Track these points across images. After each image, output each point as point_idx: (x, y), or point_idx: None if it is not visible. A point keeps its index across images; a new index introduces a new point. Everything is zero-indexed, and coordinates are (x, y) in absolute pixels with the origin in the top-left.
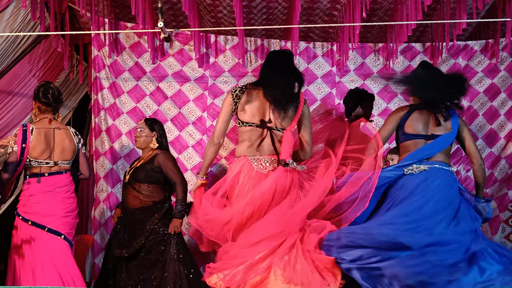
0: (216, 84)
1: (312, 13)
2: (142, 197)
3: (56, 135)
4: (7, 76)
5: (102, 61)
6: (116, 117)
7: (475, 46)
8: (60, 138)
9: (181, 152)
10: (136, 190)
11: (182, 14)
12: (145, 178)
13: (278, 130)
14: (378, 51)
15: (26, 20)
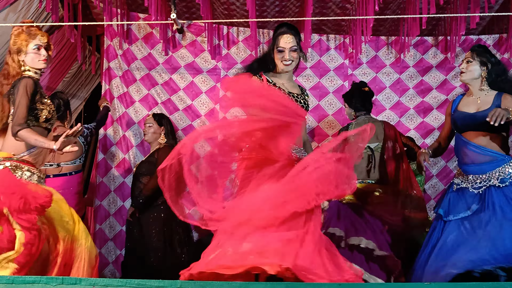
0: (228, 76)
1: (325, 5)
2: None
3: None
4: None
5: (114, 50)
6: (129, 105)
7: (488, 40)
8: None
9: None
10: (140, 182)
11: (194, 5)
12: (146, 171)
13: None
14: (391, 44)
15: (39, 10)
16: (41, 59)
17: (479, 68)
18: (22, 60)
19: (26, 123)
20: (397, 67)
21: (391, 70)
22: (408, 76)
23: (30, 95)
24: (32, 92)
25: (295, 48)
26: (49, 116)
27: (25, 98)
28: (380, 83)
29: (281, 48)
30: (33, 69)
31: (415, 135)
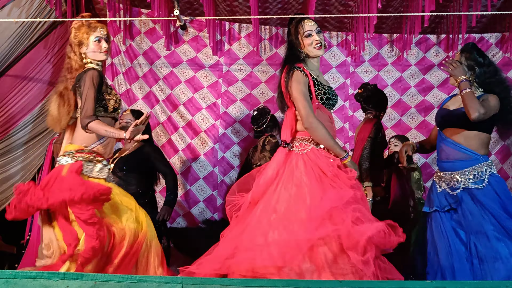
0: (230, 71)
1: (328, 2)
2: (128, 186)
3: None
4: (23, 61)
5: (117, 47)
6: (132, 102)
7: (490, 38)
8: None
9: (193, 138)
10: (121, 179)
11: (197, 1)
12: (134, 168)
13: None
14: (393, 42)
15: (42, 5)
16: (102, 51)
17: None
18: (84, 52)
19: (95, 114)
20: (399, 65)
21: (393, 68)
22: (409, 75)
23: (97, 87)
24: (99, 83)
25: (320, 30)
26: (116, 105)
27: (92, 90)
28: (381, 81)
29: (308, 32)
30: (95, 61)
31: (416, 134)
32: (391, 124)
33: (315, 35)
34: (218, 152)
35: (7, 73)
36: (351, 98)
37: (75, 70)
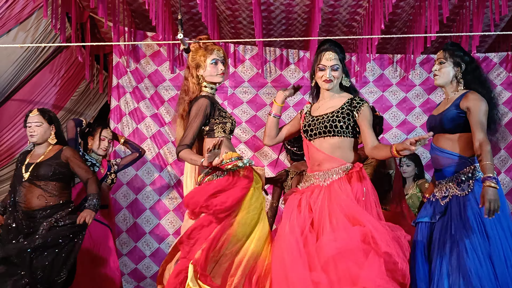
0: (235, 94)
1: (331, 24)
2: (48, 195)
3: None
4: (28, 85)
5: (123, 67)
6: (140, 121)
7: (494, 58)
8: None
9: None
10: (41, 189)
11: (201, 24)
12: (53, 175)
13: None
14: (397, 62)
15: (48, 29)
16: (218, 73)
17: (452, 69)
18: (201, 75)
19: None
20: (403, 86)
21: (397, 89)
22: (414, 95)
23: (204, 117)
24: (209, 113)
25: (337, 67)
26: (233, 127)
27: (199, 119)
28: (386, 101)
29: (322, 66)
30: (210, 84)
31: (422, 152)
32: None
33: (328, 72)
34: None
35: (13, 97)
36: None
37: (191, 92)
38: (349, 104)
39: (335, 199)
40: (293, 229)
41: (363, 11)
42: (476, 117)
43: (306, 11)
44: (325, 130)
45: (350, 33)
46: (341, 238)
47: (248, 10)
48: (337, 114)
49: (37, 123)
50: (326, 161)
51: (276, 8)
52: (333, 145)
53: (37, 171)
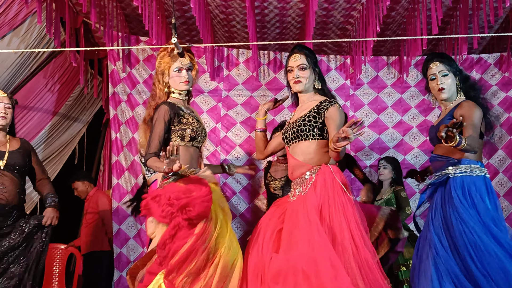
0: (230, 96)
1: (326, 27)
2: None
3: None
4: (23, 90)
5: (118, 75)
6: (136, 129)
7: (489, 59)
8: None
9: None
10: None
11: (195, 28)
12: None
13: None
14: (391, 64)
15: (42, 35)
16: (181, 81)
17: (453, 80)
18: (167, 82)
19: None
20: (398, 87)
21: (392, 90)
22: (409, 96)
23: (165, 123)
24: (168, 119)
25: (304, 66)
26: (194, 134)
27: (160, 126)
28: (382, 103)
29: (289, 68)
30: (177, 91)
31: (418, 153)
32: (393, 144)
33: (296, 71)
34: (220, 178)
35: None
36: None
37: (158, 98)
38: (318, 107)
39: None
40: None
41: (357, 14)
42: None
43: (300, 14)
44: (294, 136)
45: (344, 36)
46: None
47: (242, 14)
48: (304, 118)
49: (8, 105)
50: (297, 168)
51: (270, 11)
52: (303, 150)
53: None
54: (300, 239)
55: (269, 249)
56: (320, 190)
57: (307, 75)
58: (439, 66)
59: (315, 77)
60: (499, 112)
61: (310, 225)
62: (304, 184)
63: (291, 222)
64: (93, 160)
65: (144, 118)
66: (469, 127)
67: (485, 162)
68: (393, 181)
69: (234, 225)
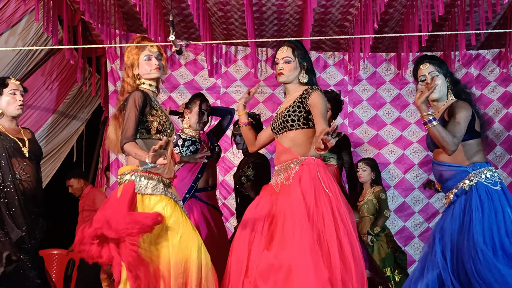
0: (228, 93)
1: (324, 24)
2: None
3: None
4: None
5: (117, 73)
6: None
7: (487, 55)
8: None
9: None
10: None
11: (193, 26)
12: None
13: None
14: (390, 60)
15: (39, 33)
16: (153, 68)
17: (444, 81)
18: (137, 74)
19: (135, 136)
20: (397, 83)
21: (391, 86)
22: (408, 92)
23: (138, 108)
24: (141, 104)
25: (289, 59)
26: (161, 127)
27: (133, 111)
28: (380, 98)
29: (276, 60)
30: (148, 81)
31: (418, 148)
32: (392, 139)
33: (280, 64)
34: (218, 176)
35: None
36: (349, 116)
37: (126, 92)
38: (301, 96)
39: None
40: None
41: (355, 10)
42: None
43: (298, 11)
44: (282, 126)
45: (342, 33)
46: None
47: (240, 11)
48: (289, 109)
49: (23, 93)
50: (284, 153)
51: (268, 8)
52: (290, 139)
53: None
54: (288, 237)
55: (257, 243)
56: (304, 184)
57: (290, 68)
58: (429, 68)
59: (300, 70)
60: (497, 107)
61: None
62: (287, 171)
63: (280, 218)
64: (91, 158)
65: (114, 114)
66: (451, 124)
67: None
68: (373, 181)
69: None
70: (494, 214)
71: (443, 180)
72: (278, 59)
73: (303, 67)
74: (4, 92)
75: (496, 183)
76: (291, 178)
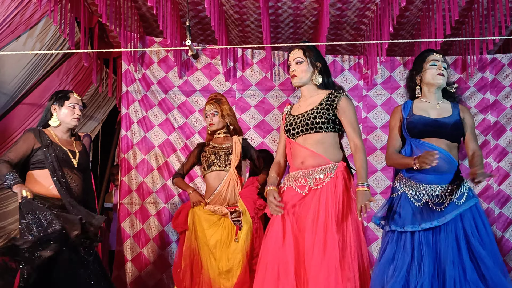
0: (243, 97)
1: (340, 27)
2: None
3: None
4: (38, 89)
5: (132, 75)
6: (149, 129)
7: (503, 59)
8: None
9: None
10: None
11: (209, 28)
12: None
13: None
14: (406, 64)
15: (57, 35)
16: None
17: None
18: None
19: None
20: None
21: (405, 91)
22: None
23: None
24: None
25: (300, 60)
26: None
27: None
28: (394, 103)
29: (289, 63)
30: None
31: None
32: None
33: (293, 65)
34: None
35: (23, 101)
36: (364, 121)
37: None
38: (328, 98)
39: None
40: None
41: (371, 14)
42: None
43: (314, 14)
44: (307, 128)
45: (358, 35)
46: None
47: (256, 13)
48: (317, 110)
49: (81, 108)
50: (310, 158)
51: (284, 11)
52: (317, 142)
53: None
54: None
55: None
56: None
57: (302, 69)
58: (442, 58)
59: (313, 71)
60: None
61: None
62: (317, 177)
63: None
64: (107, 157)
65: None
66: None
67: (494, 166)
68: None
69: None
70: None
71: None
72: (290, 61)
73: (315, 67)
74: (65, 104)
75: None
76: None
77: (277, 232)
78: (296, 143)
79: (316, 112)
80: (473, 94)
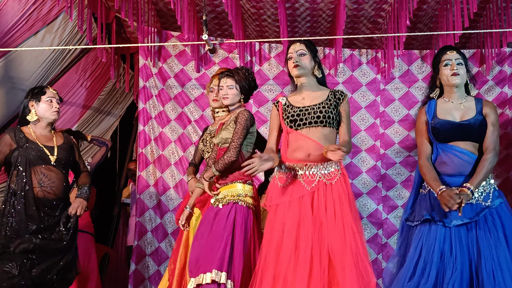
0: (260, 92)
1: (357, 20)
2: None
3: None
4: (57, 85)
5: (149, 69)
6: (165, 124)
7: None
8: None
9: None
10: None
11: (226, 22)
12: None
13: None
14: (423, 58)
15: (74, 31)
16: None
17: (465, 73)
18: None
19: None
20: None
21: (423, 84)
22: None
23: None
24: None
25: (303, 53)
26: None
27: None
28: (412, 97)
29: (289, 56)
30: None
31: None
32: None
33: (295, 57)
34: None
35: None
36: (381, 116)
37: None
38: (334, 96)
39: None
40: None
41: (389, 7)
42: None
43: (331, 7)
44: (316, 120)
45: (375, 29)
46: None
47: (273, 8)
48: (327, 105)
49: (58, 101)
50: (318, 151)
51: (300, 5)
52: (324, 136)
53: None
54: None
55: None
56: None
57: (306, 61)
58: (455, 55)
59: (314, 65)
60: None
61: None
62: (326, 169)
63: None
64: (125, 153)
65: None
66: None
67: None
68: None
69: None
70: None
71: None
72: (291, 53)
73: (316, 62)
74: (42, 99)
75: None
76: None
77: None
78: (302, 134)
79: (327, 106)
80: (491, 88)
